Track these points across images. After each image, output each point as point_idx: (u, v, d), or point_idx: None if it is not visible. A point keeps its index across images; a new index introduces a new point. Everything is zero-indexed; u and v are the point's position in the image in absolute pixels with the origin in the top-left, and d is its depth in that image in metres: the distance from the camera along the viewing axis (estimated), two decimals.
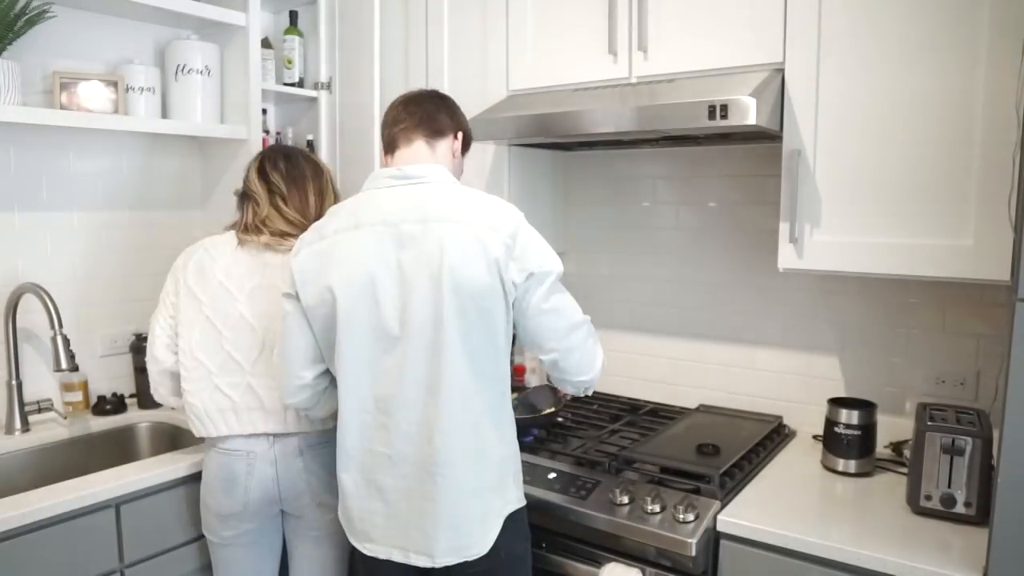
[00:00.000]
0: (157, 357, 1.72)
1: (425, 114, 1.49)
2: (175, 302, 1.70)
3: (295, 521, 1.74)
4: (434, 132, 1.49)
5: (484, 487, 1.40)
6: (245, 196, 1.74)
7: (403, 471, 1.40)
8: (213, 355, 1.66)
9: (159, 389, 1.75)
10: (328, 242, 1.42)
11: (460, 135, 1.55)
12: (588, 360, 1.48)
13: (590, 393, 1.56)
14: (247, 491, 1.65)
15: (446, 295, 1.33)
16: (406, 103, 1.52)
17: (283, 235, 1.68)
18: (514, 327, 1.44)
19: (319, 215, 1.71)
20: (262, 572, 1.76)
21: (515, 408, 1.59)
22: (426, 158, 1.48)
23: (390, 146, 1.51)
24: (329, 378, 1.52)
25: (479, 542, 1.39)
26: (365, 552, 1.46)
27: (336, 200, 1.77)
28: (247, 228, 1.70)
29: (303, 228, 1.65)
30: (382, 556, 1.43)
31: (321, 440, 1.69)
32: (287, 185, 1.71)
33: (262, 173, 1.72)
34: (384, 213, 1.40)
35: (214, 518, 1.70)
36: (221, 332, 1.66)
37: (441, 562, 1.38)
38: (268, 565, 1.77)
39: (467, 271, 1.33)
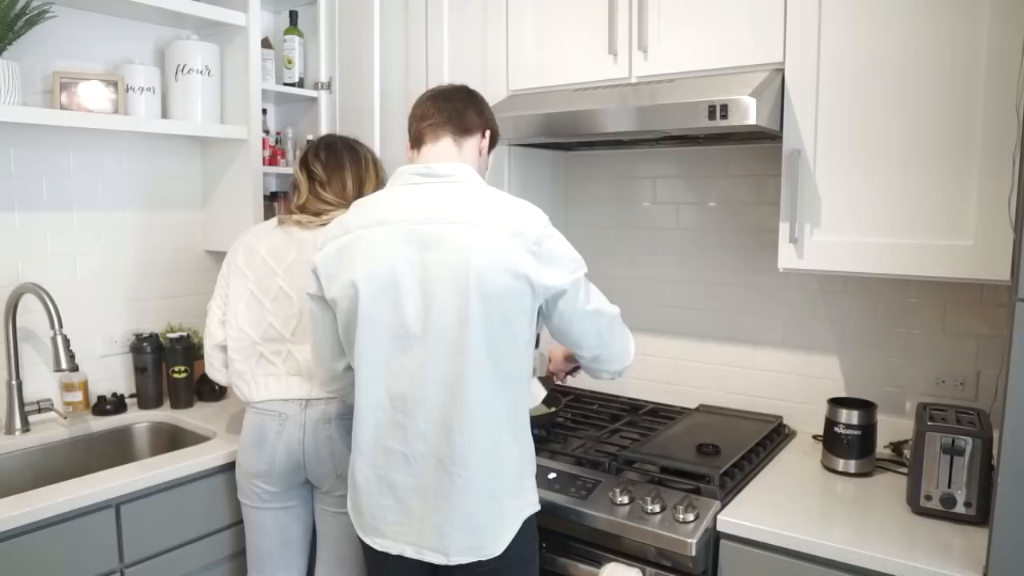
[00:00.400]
0: (212, 332, 1.86)
1: (454, 111, 1.48)
2: (225, 280, 1.85)
3: (321, 496, 1.79)
4: (462, 130, 1.48)
5: (502, 489, 1.39)
6: (293, 185, 1.88)
7: (418, 469, 1.40)
8: (257, 325, 1.78)
9: (213, 362, 1.88)
10: (352, 236, 1.42)
11: (488, 133, 1.53)
12: (626, 349, 1.57)
13: (624, 376, 1.64)
14: (274, 451, 1.73)
15: (472, 298, 1.33)
16: (435, 98, 1.50)
17: (318, 213, 1.78)
18: (547, 329, 1.46)
19: (359, 196, 1.77)
20: (289, 542, 1.82)
21: None
22: (452, 156, 1.47)
23: (416, 141, 1.50)
24: None
25: (494, 543, 1.39)
26: (375, 547, 1.46)
27: (379, 183, 1.86)
28: (289, 211, 1.83)
29: (341, 206, 1.75)
30: (393, 552, 1.43)
31: (351, 411, 1.69)
32: (326, 173, 1.81)
33: (304, 162, 1.84)
34: (408, 211, 1.39)
35: (244, 477, 1.78)
36: (263, 304, 1.78)
37: (456, 560, 1.38)
38: (296, 536, 1.83)
39: (493, 275, 1.33)
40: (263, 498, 1.77)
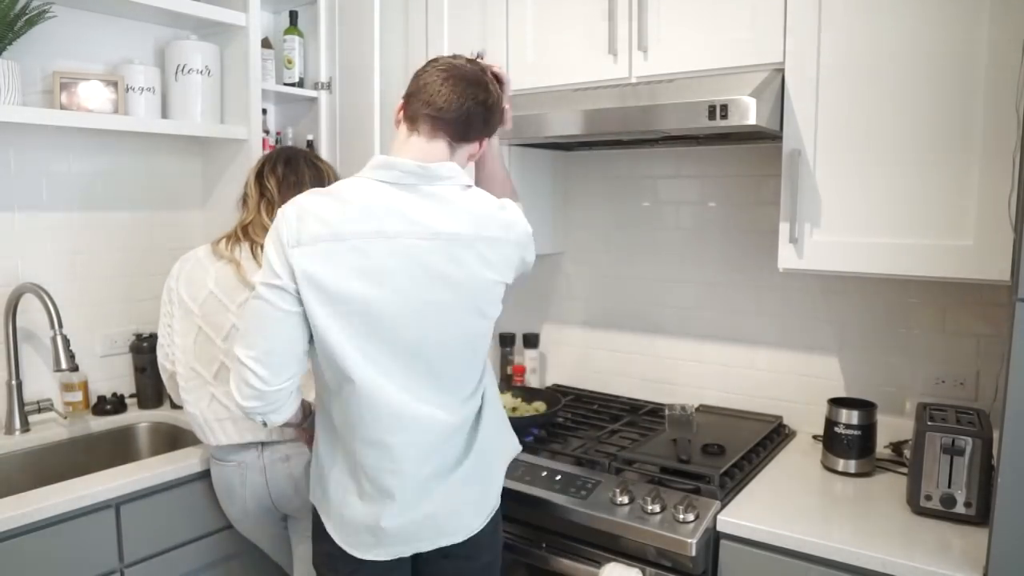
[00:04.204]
0: (161, 364, 1.76)
1: (462, 117, 1.37)
2: (169, 311, 1.71)
3: (295, 522, 1.78)
4: (461, 137, 1.40)
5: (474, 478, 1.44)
6: (242, 199, 1.76)
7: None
8: (208, 364, 1.67)
9: (171, 392, 1.80)
10: (347, 244, 1.31)
11: (484, 142, 1.46)
12: None
13: None
14: (244, 500, 1.72)
15: (463, 301, 1.35)
16: (454, 85, 1.37)
17: (254, 242, 1.66)
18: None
19: None
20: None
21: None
22: (443, 159, 1.39)
23: (413, 121, 1.39)
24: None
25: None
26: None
27: None
28: (229, 237, 1.69)
29: None
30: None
31: (304, 448, 1.69)
32: (281, 191, 1.67)
33: (259, 176, 1.71)
34: (407, 223, 1.33)
35: (229, 517, 1.80)
36: (214, 342, 1.66)
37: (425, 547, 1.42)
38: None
39: (480, 277, 1.35)
40: (247, 533, 1.82)
